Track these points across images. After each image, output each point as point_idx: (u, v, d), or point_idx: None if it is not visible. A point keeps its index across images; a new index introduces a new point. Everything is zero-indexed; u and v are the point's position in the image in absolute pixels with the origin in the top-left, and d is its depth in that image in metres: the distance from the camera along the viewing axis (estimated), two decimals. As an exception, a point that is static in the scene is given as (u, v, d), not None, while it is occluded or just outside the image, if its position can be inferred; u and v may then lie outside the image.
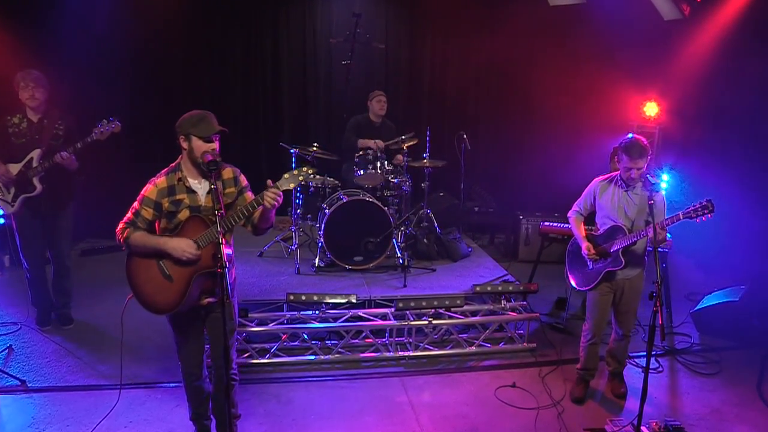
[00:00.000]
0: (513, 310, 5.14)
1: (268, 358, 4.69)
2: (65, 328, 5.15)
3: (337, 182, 6.27)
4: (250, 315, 4.78)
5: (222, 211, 2.95)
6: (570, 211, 4.34)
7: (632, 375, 4.64)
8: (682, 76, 6.71)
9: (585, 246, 4.12)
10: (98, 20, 6.47)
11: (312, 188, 6.21)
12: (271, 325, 4.76)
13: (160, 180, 3.18)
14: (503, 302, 5.14)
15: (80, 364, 4.60)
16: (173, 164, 3.23)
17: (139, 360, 4.62)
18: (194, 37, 7.33)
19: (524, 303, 5.25)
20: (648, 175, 3.83)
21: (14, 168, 4.71)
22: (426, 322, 4.86)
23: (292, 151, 5.87)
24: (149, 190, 3.17)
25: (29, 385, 4.30)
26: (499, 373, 4.70)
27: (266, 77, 7.76)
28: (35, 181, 4.74)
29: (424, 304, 4.94)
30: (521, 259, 7.19)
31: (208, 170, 2.97)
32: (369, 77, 7.82)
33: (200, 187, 3.20)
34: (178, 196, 3.16)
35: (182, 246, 3.07)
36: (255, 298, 5.06)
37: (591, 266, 4.16)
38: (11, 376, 4.33)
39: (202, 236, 3.11)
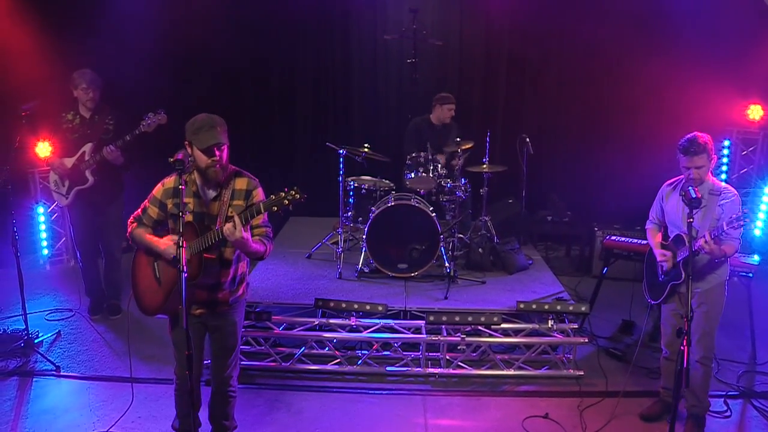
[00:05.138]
0: (562, 331, 4.63)
1: (290, 364, 4.57)
2: (112, 318, 5.34)
3: (391, 185, 6.00)
4: (275, 318, 4.65)
5: (184, 215, 2.80)
6: (647, 222, 4.11)
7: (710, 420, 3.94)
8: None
9: (659, 252, 3.82)
10: (160, 20, 6.69)
11: (364, 190, 5.99)
12: (296, 330, 4.62)
13: (169, 180, 3.16)
14: (550, 323, 4.64)
15: (113, 355, 4.75)
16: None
17: (168, 355, 4.63)
18: (263, 40, 7.37)
19: (575, 325, 4.69)
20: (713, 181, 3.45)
21: (68, 162, 4.96)
22: (458, 339, 4.51)
23: (340, 151, 5.68)
24: (157, 189, 3.18)
25: (62, 371, 4.48)
26: (533, 400, 4.24)
27: (336, 77, 7.64)
28: (87, 173, 4.95)
29: (457, 319, 4.58)
30: (594, 275, 6.53)
31: (174, 168, 2.84)
32: (440, 76, 7.48)
33: (209, 192, 3.12)
34: (185, 199, 3.05)
35: (171, 250, 2.98)
36: (286, 301, 4.95)
37: (662, 277, 3.86)
38: (49, 360, 4.55)
39: (191, 245, 2.98)
